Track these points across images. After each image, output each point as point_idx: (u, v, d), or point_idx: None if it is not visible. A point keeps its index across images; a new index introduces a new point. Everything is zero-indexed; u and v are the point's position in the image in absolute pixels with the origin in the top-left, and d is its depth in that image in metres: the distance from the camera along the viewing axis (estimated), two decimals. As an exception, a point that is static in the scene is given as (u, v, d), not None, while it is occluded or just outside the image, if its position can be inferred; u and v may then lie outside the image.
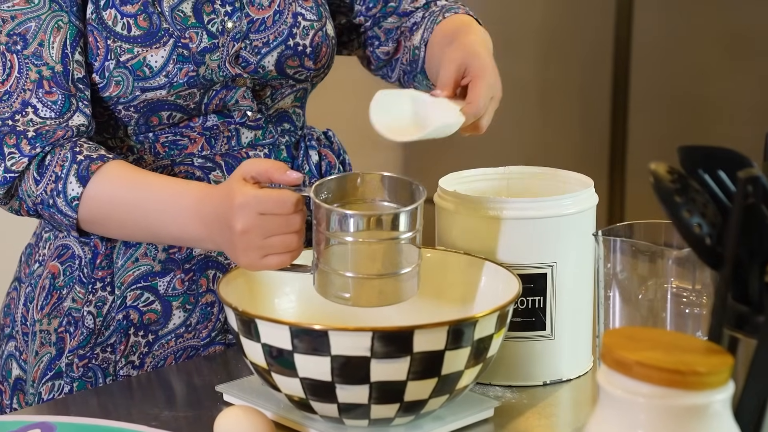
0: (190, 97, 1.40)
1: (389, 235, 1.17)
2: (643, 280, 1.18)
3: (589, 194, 1.32)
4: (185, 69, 1.38)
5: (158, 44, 1.37)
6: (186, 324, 1.44)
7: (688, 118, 2.97)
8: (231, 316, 1.16)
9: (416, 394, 1.12)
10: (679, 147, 1.00)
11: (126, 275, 1.43)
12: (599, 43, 3.07)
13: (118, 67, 1.37)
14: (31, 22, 1.34)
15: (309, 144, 1.52)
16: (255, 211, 1.19)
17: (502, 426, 1.21)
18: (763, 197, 0.93)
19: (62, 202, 1.33)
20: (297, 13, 1.45)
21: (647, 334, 0.96)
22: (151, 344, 1.44)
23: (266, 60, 1.43)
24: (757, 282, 0.95)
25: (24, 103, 1.34)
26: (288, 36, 1.44)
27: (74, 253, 1.44)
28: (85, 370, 1.43)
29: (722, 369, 0.87)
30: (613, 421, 0.89)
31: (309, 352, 1.10)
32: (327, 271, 1.19)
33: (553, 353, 1.31)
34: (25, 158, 1.33)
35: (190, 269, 1.44)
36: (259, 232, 1.19)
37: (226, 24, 1.41)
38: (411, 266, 1.19)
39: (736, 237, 0.93)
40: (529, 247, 1.28)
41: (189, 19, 1.39)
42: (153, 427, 1.18)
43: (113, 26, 1.37)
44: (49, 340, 1.44)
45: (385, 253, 1.17)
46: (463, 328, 1.11)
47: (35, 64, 1.34)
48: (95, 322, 1.43)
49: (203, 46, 1.39)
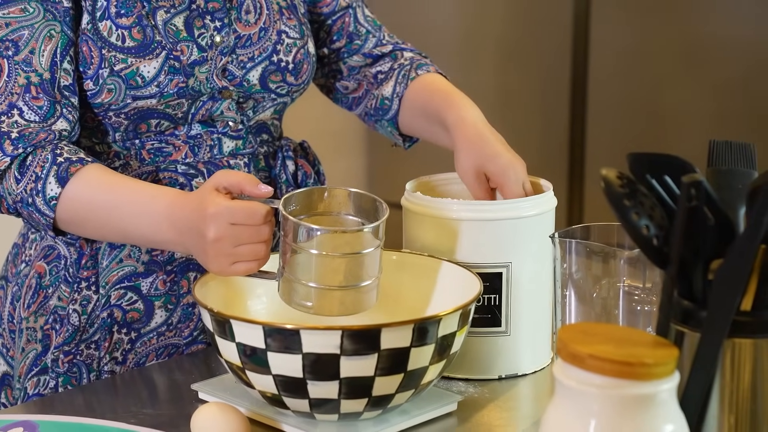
0: (178, 107, 1.46)
1: (352, 249, 1.21)
2: (597, 280, 1.23)
3: (548, 197, 1.38)
4: (176, 80, 1.43)
5: (151, 55, 1.43)
6: (167, 323, 1.49)
7: (643, 124, 3.02)
8: (206, 317, 1.21)
9: (384, 389, 1.17)
10: (628, 154, 1.06)
11: (110, 275, 1.48)
12: (558, 51, 3.11)
13: (112, 76, 1.42)
14: (24, 30, 1.39)
15: (286, 154, 1.58)
16: (226, 221, 1.24)
17: (466, 419, 1.26)
18: (705, 200, 0.99)
19: (41, 202, 1.37)
20: (281, 30, 1.51)
21: (600, 329, 1.01)
22: (133, 341, 1.49)
23: (251, 74, 1.49)
24: (701, 280, 1.01)
25: (10, 105, 1.38)
26: (272, 52, 1.50)
27: (60, 253, 1.48)
28: (70, 365, 1.48)
29: (668, 360, 0.93)
30: (568, 410, 0.95)
31: (281, 351, 1.15)
32: (291, 279, 1.23)
33: (510, 349, 1.36)
34: (7, 158, 1.37)
35: (171, 271, 1.49)
36: (229, 241, 1.25)
37: (214, 38, 1.47)
38: (371, 279, 1.24)
39: (681, 238, 0.99)
40: (488, 248, 1.33)
41: (181, 32, 1.45)
42: (132, 424, 1.22)
43: (108, 37, 1.42)
44: (36, 337, 1.49)
45: (347, 266, 1.22)
46: (428, 326, 1.16)
47: (24, 70, 1.39)
48: (80, 319, 1.47)
49: (193, 58, 1.45)
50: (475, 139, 1.44)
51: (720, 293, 0.98)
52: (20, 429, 1.20)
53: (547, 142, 3.16)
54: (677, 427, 0.94)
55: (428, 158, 2.61)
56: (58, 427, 1.21)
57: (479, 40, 3.22)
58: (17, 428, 1.20)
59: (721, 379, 1.00)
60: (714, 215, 1.00)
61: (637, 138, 3.02)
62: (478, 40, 3.22)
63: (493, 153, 1.42)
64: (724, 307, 0.98)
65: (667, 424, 0.93)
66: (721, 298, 0.98)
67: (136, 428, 1.20)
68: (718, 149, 1.10)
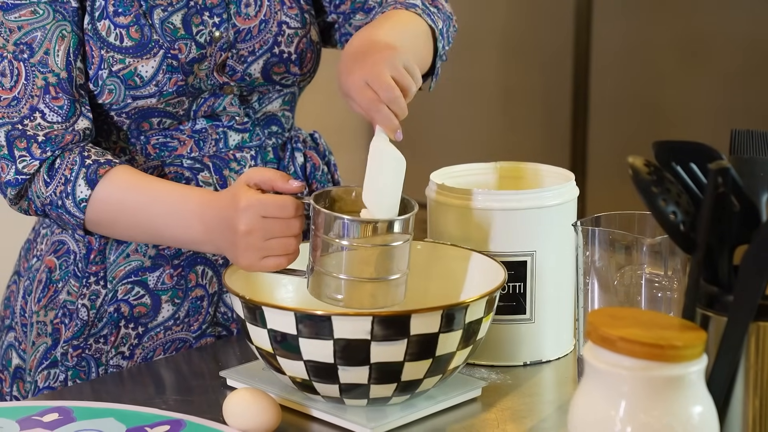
0: (179, 105, 1.47)
1: (383, 241, 1.24)
2: (619, 267, 1.25)
3: (570, 187, 1.40)
4: (174, 78, 1.44)
5: (148, 55, 1.43)
6: (174, 317, 1.50)
7: (645, 119, 3.04)
8: (237, 304, 1.23)
9: (412, 375, 1.20)
10: (654, 142, 1.09)
11: (118, 270, 1.49)
12: (560, 47, 3.13)
13: (111, 76, 1.43)
14: (37, 32, 1.40)
15: (295, 146, 1.58)
16: (258, 214, 1.26)
17: (490, 404, 1.28)
18: (731, 187, 1.02)
19: (71, 204, 1.39)
20: (282, 21, 1.51)
21: (628, 313, 1.03)
22: (140, 336, 1.50)
23: (252, 68, 1.49)
24: (727, 265, 1.03)
25: (32, 109, 1.39)
26: (273, 44, 1.50)
27: (69, 248, 1.50)
28: (79, 359, 1.49)
29: (697, 343, 0.96)
30: (598, 392, 0.97)
31: (313, 336, 1.17)
32: (322, 273, 1.25)
33: (534, 336, 1.39)
34: (36, 161, 1.39)
35: (178, 265, 1.50)
36: (260, 234, 1.26)
37: (213, 34, 1.47)
38: (401, 273, 1.26)
39: (707, 224, 1.01)
40: (512, 237, 1.36)
41: (178, 30, 1.45)
42: (163, 410, 1.24)
43: (107, 37, 1.43)
44: (46, 330, 1.50)
45: (378, 259, 1.24)
46: (455, 312, 1.19)
47: (41, 72, 1.40)
48: (89, 314, 1.49)
49: (192, 56, 1.45)
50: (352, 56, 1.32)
51: (746, 278, 1.00)
52: (56, 414, 1.22)
53: (548, 137, 3.18)
54: (705, 408, 0.96)
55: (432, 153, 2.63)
56: (92, 413, 1.23)
57: (482, 36, 3.24)
58: (53, 413, 1.23)
59: (746, 362, 1.02)
60: (739, 202, 1.03)
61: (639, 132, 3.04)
62: (481, 36, 3.24)
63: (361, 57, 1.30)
64: (750, 292, 1.00)
65: (695, 405, 0.95)
66: (747, 283, 1.00)
67: (169, 413, 1.22)
68: (740, 138, 1.13)
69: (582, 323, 1.29)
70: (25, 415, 1.23)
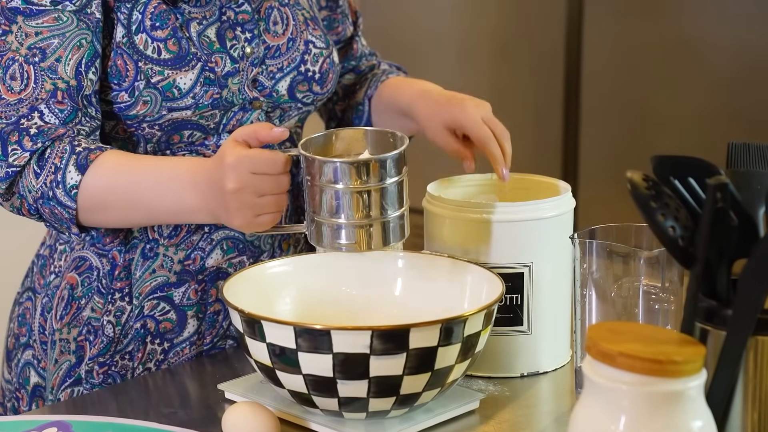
0: (211, 118, 1.47)
1: (379, 180, 1.24)
2: (616, 279, 1.26)
3: (566, 199, 1.40)
4: (210, 91, 1.45)
5: (187, 67, 1.44)
6: (198, 332, 1.51)
7: (637, 123, 3.04)
8: (236, 318, 1.23)
9: (411, 388, 1.20)
10: (652, 156, 1.09)
11: (144, 286, 1.49)
12: (551, 50, 3.13)
13: (148, 88, 1.43)
14: (54, 38, 1.40)
15: None
16: (247, 170, 1.26)
17: (488, 417, 1.29)
18: (730, 202, 1.02)
19: (61, 193, 1.37)
20: (308, 41, 1.54)
21: (627, 328, 1.04)
22: (166, 352, 1.50)
23: (280, 84, 1.51)
24: (725, 279, 1.04)
25: (32, 109, 1.39)
26: (300, 62, 1.53)
27: (92, 264, 1.49)
28: (105, 377, 1.49)
29: (696, 358, 0.96)
30: (598, 407, 0.97)
31: (312, 350, 1.17)
32: (322, 222, 1.25)
33: (531, 347, 1.39)
34: (27, 153, 1.37)
35: (202, 280, 1.50)
36: (251, 191, 1.26)
37: (245, 49, 1.48)
38: (402, 209, 1.27)
39: (706, 238, 1.02)
40: (509, 248, 1.36)
41: (214, 44, 1.46)
42: (164, 424, 1.24)
43: (144, 50, 1.43)
44: (69, 348, 1.50)
45: (377, 198, 1.24)
46: (454, 326, 1.19)
47: (50, 77, 1.39)
48: (114, 330, 1.48)
49: (227, 70, 1.46)
50: (438, 98, 1.52)
51: (745, 292, 1.01)
52: (54, 429, 1.22)
53: (540, 141, 3.19)
54: (705, 423, 0.96)
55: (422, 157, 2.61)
56: (90, 427, 1.23)
57: (473, 39, 3.25)
58: (51, 428, 1.22)
59: (744, 376, 1.02)
60: (737, 216, 1.03)
61: (631, 136, 3.05)
62: (472, 39, 3.25)
63: (457, 103, 1.49)
64: (749, 306, 1.01)
65: (695, 420, 0.95)
66: (746, 297, 1.01)
67: (168, 428, 1.22)
68: (737, 151, 1.13)
69: (579, 334, 1.29)
70: (23, 429, 1.23)
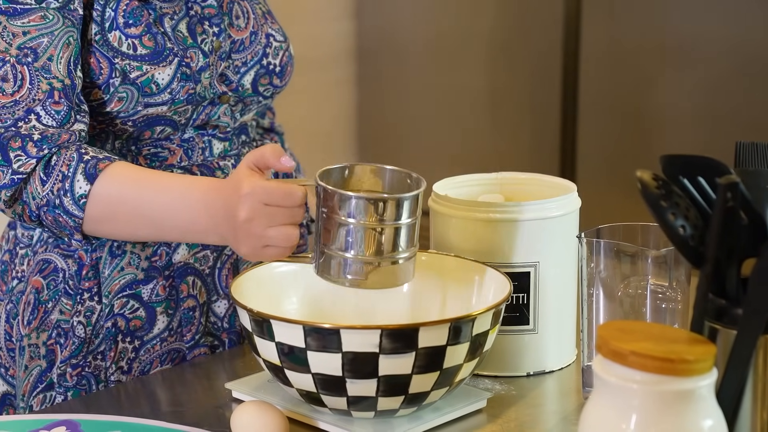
0: (183, 113, 1.47)
1: (394, 220, 1.22)
2: (623, 278, 1.26)
3: (572, 198, 1.40)
4: (186, 87, 1.45)
5: (165, 62, 1.44)
6: (169, 328, 1.50)
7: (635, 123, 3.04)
8: (244, 317, 1.23)
9: (420, 387, 1.20)
10: (662, 156, 1.09)
11: (113, 284, 1.47)
12: (548, 50, 3.13)
13: (125, 84, 1.42)
14: (44, 37, 1.39)
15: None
16: (260, 201, 1.24)
17: (496, 416, 1.29)
18: (740, 201, 1.02)
19: (69, 201, 1.35)
20: (269, 34, 1.55)
21: (637, 327, 1.04)
22: (137, 349, 1.49)
23: (245, 78, 1.52)
24: (735, 278, 1.04)
25: (28, 111, 1.37)
26: (262, 56, 1.54)
27: (57, 266, 1.47)
28: (79, 378, 1.48)
29: (707, 357, 0.96)
30: (609, 406, 0.97)
31: (321, 350, 1.17)
32: (332, 254, 1.24)
33: (537, 346, 1.39)
34: (33, 159, 1.36)
35: (170, 275, 1.49)
36: (261, 222, 1.24)
37: (214, 44, 1.49)
38: (411, 251, 1.26)
39: (717, 238, 1.02)
40: (515, 248, 1.36)
41: (187, 39, 1.47)
42: (172, 423, 1.24)
43: (119, 47, 1.42)
44: (39, 353, 1.48)
45: (389, 237, 1.23)
46: (462, 325, 1.19)
47: (45, 77, 1.38)
48: (86, 331, 1.47)
49: (200, 65, 1.47)
50: None
51: (755, 292, 1.01)
52: (63, 428, 1.22)
53: (537, 141, 3.19)
54: (716, 422, 0.96)
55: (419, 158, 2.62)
56: (99, 426, 1.23)
57: (471, 39, 3.25)
58: (60, 427, 1.22)
59: (753, 375, 1.03)
60: (747, 215, 1.03)
61: (628, 136, 3.05)
62: (470, 39, 3.25)
63: None
64: (759, 305, 1.01)
65: (706, 419, 0.96)
66: (757, 297, 1.01)
67: (176, 427, 1.22)
68: (745, 150, 1.13)
69: (586, 334, 1.30)
70: (32, 428, 1.23)
